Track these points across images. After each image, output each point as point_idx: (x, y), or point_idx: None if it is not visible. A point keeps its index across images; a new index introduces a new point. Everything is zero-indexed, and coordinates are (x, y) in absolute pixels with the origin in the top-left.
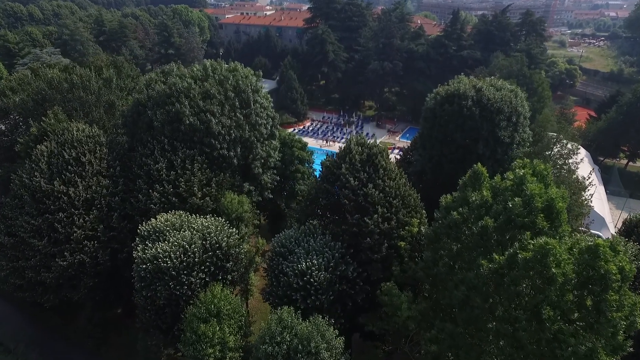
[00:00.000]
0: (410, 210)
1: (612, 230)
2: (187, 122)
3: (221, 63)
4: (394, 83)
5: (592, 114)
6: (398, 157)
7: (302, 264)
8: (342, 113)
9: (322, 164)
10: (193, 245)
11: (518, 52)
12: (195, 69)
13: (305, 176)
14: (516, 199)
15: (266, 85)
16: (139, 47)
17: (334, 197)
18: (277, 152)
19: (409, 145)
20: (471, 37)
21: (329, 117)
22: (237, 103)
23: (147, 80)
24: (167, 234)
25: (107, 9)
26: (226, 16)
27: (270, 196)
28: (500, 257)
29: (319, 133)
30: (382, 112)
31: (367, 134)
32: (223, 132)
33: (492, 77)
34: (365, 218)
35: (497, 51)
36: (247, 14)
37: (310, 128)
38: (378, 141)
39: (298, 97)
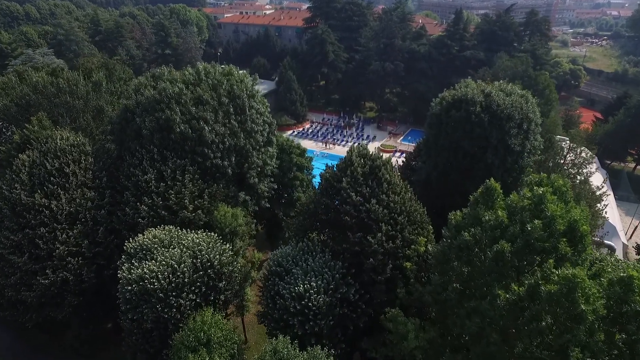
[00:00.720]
0: (416, 227)
1: (624, 239)
2: (178, 130)
3: (215, 66)
4: (395, 84)
5: (598, 115)
6: (399, 160)
7: (300, 287)
8: (342, 114)
9: (321, 176)
10: (182, 265)
11: (522, 52)
12: (187, 73)
13: (305, 184)
14: (535, 221)
15: (265, 86)
16: (136, 47)
17: (334, 212)
18: (274, 160)
19: (412, 150)
20: (474, 37)
21: (329, 119)
22: (231, 109)
23: (136, 85)
24: (154, 251)
25: (105, 8)
26: (225, 15)
27: (268, 205)
28: (520, 289)
29: (319, 135)
30: (383, 114)
31: (368, 136)
32: (216, 140)
33: (501, 81)
34: (368, 237)
35: (500, 52)
36: (246, 13)
37: (310, 130)
38: (379, 144)
39: (297, 99)
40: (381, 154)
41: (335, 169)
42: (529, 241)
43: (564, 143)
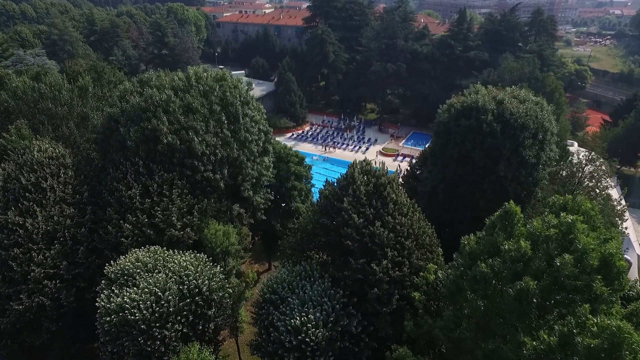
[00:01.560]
0: (425, 251)
1: (638, 250)
2: (165, 141)
3: (208, 70)
4: (397, 85)
5: (606, 117)
6: (401, 164)
7: (297, 320)
8: (342, 116)
9: (320, 193)
10: (167, 292)
11: (528, 53)
12: (176, 78)
13: (303, 193)
14: (566, 256)
15: (263, 88)
16: (132, 47)
17: (334, 234)
18: (270, 170)
19: (414, 154)
20: (478, 37)
21: (329, 121)
22: (223, 118)
23: (122, 92)
24: (137, 277)
25: (102, 7)
26: (224, 14)
27: (264, 217)
28: (551, 338)
29: (319, 138)
30: (385, 115)
31: (369, 139)
32: (207, 152)
33: (514, 87)
34: (372, 264)
35: (505, 52)
36: (246, 12)
37: (310, 133)
38: (381, 147)
39: (297, 100)
40: (386, 169)
41: (335, 184)
42: (558, 278)
43: (582, 154)
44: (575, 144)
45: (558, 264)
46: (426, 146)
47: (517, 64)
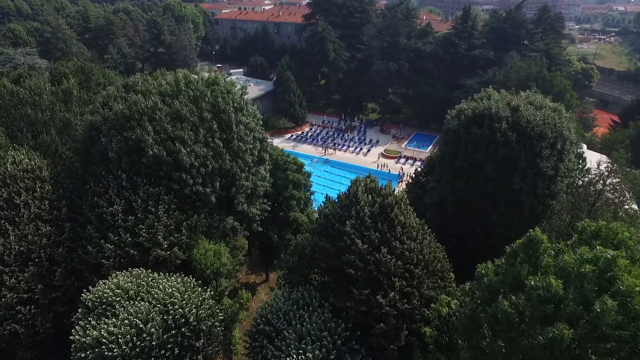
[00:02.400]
0: (436, 279)
1: None
2: (150, 152)
3: (200, 73)
4: (399, 85)
5: (614, 118)
6: (404, 166)
7: (293, 358)
8: (343, 116)
9: (320, 211)
10: (150, 324)
11: (535, 52)
12: (164, 83)
13: (302, 202)
14: (608, 301)
15: (262, 87)
16: (128, 45)
17: (335, 259)
18: (267, 180)
19: (420, 160)
20: (482, 35)
21: (329, 121)
22: (215, 126)
23: (104, 97)
24: (117, 306)
25: (100, 4)
26: (222, 11)
27: (260, 229)
28: None
29: (319, 139)
30: (386, 116)
31: (371, 140)
32: (196, 163)
33: (529, 92)
34: (377, 295)
35: (511, 51)
36: (245, 8)
37: (309, 134)
38: (382, 148)
39: (296, 100)
40: (394, 190)
41: (336, 200)
42: (598, 326)
43: (603, 165)
44: (584, 146)
45: (598, 309)
46: (429, 148)
47: (524, 64)
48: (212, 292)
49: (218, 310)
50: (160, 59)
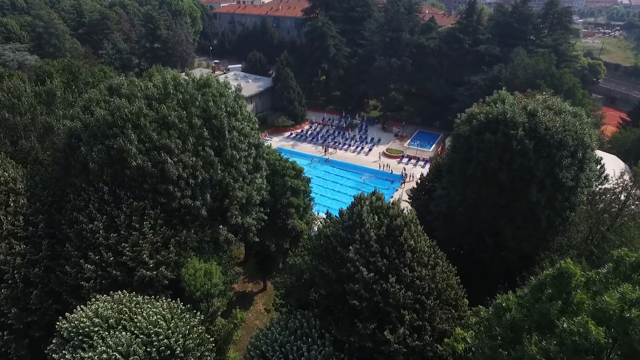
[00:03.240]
0: (449, 309)
1: None
2: (134, 163)
3: (191, 73)
4: (401, 81)
5: (623, 115)
6: (406, 166)
7: None
8: (343, 114)
9: (320, 232)
10: (132, 358)
11: (542, 47)
12: (151, 85)
13: (301, 209)
14: None
15: (260, 84)
16: (124, 40)
17: (337, 286)
18: (263, 189)
19: (419, 155)
20: (488, 30)
21: (329, 119)
22: (206, 133)
23: (86, 101)
24: (95, 337)
25: None
26: (221, 5)
27: (256, 239)
28: None
29: (319, 138)
30: (388, 113)
31: (372, 139)
32: (185, 175)
33: (545, 94)
34: (385, 331)
35: (517, 46)
36: (243, 2)
37: (309, 132)
38: (384, 147)
39: (295, 97)
40: (403, 209)
41: (337, 215)
42: None
43: (627, 174)
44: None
45: None
46: (432, 147)
47: (532, 60)
48: (202, 317)
49: (209, 336)
50: (157, 54)
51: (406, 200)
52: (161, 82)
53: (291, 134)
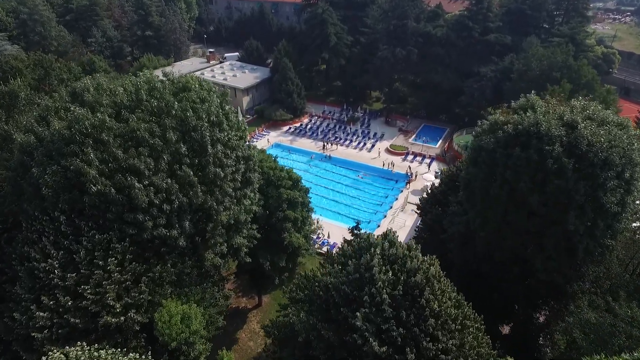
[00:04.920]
0: None
1: None
2: (94, 189)
3: (170, 75)
4: (406, 72)
5: None
6: (411, 164)
7: None
8: (345, 106)
9: (318, 282)
10: None
11: (557, 37)
12: (121, 91)
13: (299, 223)
14: None
15: (258, 74)
16: (114, 27)
17: (340, 350)
18: (255, 203)
19: (422, 152)
20: (498, 18)
21: (330, 112)
22: (183, 149)
23: (42, 110)
24: None
25: None
26: None
27: (248, 260)
28: None
29: (319, 132)
30: (392, 105)
31: (375, 133)
32: (157, 201)
33: (582, 100)
34: None
35: (530, 35)
36: None
37: (309, 126)
38: (388, 143)
39: (294, 90)
40: (421, 258)
41: (340, 254)
42: None
43: None
44: None
45: None
46: (439, 143)
47: (547, 51)
48: None
49: None
50: (149, 42)
51: (412, 203)
52: (133, 87)
53: (290, 128)
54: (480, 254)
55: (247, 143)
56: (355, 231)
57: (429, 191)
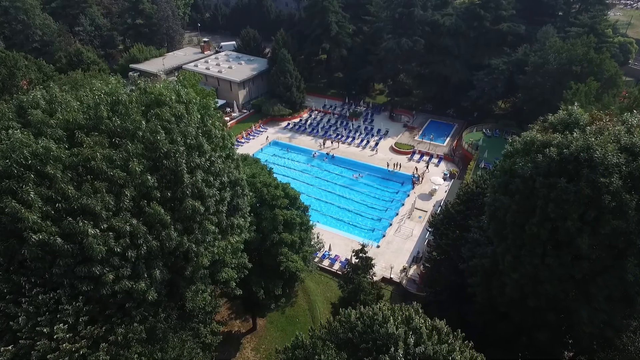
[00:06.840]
0: None
1: None
2: (34, 239)
3: (141, 84)
4: (412, 64)
5: None
6: (418, 164)
7: None
8: (347, 100)
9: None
10: None
11: (576, 27)
12: (75, 106)
13: (297, 246)
14: None
15: (255, 66)
16: (104, 15)
17: None
18: (246, 231)
19: (426, 146)
20: (511, 6)
21: (331, 106)
22: (152, 181)
23: None
24: None
25: None
26: None
27: (239, 292)
28: None
29: (319, 129)
30: (397, 99)
31: (379, 130)
32: (119, 248)
33: (635, 113)
34: None
35: (546, 24)
36: None
37: (308, 122)
38: (393, 142)
39: (293, 83)
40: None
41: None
42: None
43: None
44: None
45: None
46: (447, 141)
47: (567, 44)
48: None
49: None
50: (140, 31)
51: (419, 209)
52: (93, 101)
53: (288, 124)
54: (509, 295)
55: (236, 157)
56: (361, 254)
57: (443, 207)
